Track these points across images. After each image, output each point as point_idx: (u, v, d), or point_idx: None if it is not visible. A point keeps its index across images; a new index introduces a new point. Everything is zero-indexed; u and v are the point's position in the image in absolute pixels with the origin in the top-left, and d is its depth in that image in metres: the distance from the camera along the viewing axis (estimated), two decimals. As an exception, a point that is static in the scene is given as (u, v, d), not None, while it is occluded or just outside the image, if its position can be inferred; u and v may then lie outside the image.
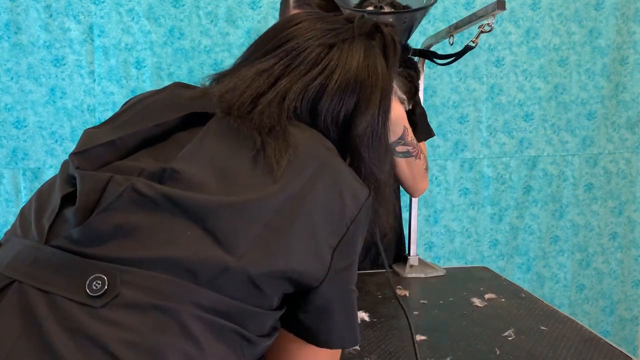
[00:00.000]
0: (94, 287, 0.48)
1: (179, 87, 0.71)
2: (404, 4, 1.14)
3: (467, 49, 1.14)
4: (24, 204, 1.84)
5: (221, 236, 0.51)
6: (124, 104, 0.71)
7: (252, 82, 0.65)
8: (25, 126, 1.96)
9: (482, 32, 1.11)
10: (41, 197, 0.60)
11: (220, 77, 0.70)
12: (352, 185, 0.61)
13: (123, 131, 0.61)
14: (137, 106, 0.67)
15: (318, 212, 0.56)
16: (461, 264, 2.25)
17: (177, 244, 0.50)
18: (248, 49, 0.73)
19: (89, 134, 0.63)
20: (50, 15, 1.93)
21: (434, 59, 1.22)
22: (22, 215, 0.59)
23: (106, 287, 0.48)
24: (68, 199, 0.56)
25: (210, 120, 0.62)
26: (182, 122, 0.63)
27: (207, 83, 0.71)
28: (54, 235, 0.53)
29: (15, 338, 0.46)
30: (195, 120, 0.63)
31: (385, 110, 0.71)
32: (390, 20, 1.06)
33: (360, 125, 0.67)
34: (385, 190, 0.72)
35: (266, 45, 0.70)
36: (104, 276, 0.48)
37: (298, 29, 0.69)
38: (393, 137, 1.02)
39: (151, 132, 0.61)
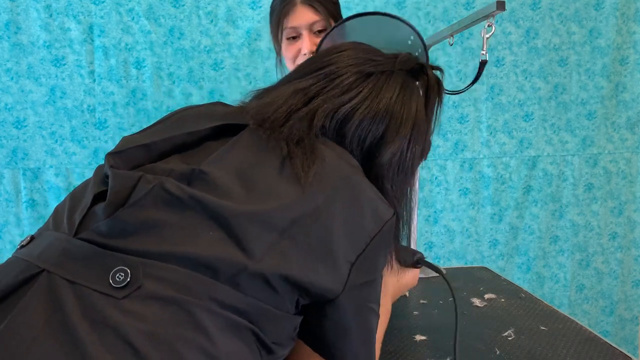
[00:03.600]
0: (117, 279, 0.49)
1: (218, 104, 0.73)
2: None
3: (482, 64, 1.12)
4: (24, 204, 1.87)
5: (242, 240, 0.52)
6: (163, 117, 0.74)
7: (288, 100, 0.67)
8: (25, 126, 1.96)
9: (487, 38, 1.10)
10: (75, 196, 0.62)
11: (259, 94, 0.73)
12: (374, 203, 0.61)
13: (157, 137, 0.64)
14: (173, 117, 0.71)
15: (337, 226, 0.57)
16: (461, 264, 2.25)
17: (199, 242, 0.52)
18: (292, 71, 0.76)
19: (125, 139, 0.66)
20: (50, 15, 1.93)
21: (456, 93, 1.18)
22: (56, 212, 0.62)
23: (129, 279, 0.49)
24: (100, 197, 0.58)
25: (242, 131, 0.64)
26: (214, 131, 0.65)
27: (248, 99, 0.74)
28: (83, 228, 0.55)
29: (41, 325, 0.47)
30: (228, 131, 0.65)
31: (415, 145, 0.70)
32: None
33: (385, 155, 0.67)
34: (403, 226, 0.72)
35: (308, 67, 0.72)
36: (127, 268, 0.50)
37: (340, 56, 0.71)
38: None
39: (183, 139, 0.64)
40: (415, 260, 0.92)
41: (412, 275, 0.93)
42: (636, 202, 2.32)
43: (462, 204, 2.25)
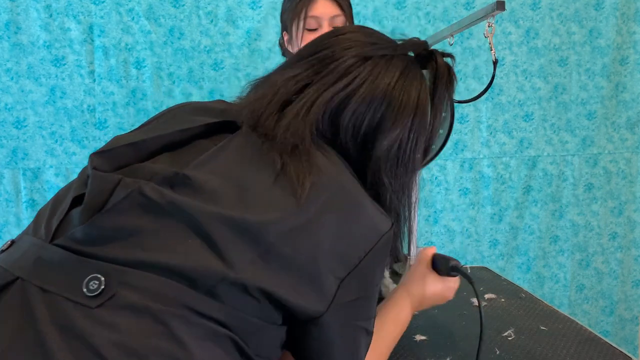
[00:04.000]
0: (91, 287, 0.48)
1: (218, 101, 0.71)
2: None
3: (495, 64, 1.11)
4: (24, 204, 1.87)
5: (222, 249, 0.50)
6: (158, 113, 0.71)
7: (280, 89, 0.64)
8: (25, 126, 1.96)
9: (490, 37, 1.10)
10: (57, 199, 0.60)
11: (257, 84, 0.70)
12: (371, 216, 0.58)
13: (148, 134, 0.61)
14: (170, 113, 0.68)
15: (328, 241, 0.54)
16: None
17: (176, 250, 0.50)
18: (290, 56, 0.72)
19: (116, 137, 0.64)
20: (50, 15, 1.93)
21: (470, 101, 1.17)
22: (38, 215, 0.60)
23: (103, 287, 0.48)
24: (79, 200, 0.56)
25: (237, 132, 0.61)
26: (207, 129, 0.62)
27: (246, 92, 0.71)
28: (59, 234, 0.53)
29: (12, 335, 0.46)
30: (221, 129, 0.62)
31: (416, 135, 0.65)
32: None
33: (382, 145, 0.63)
34: (404, 226, 0.68)
35: (305, 52, 0.68)
36: (101, 276, 0.48)
37: (338, 39, 0.67)
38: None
39: (174, 137, 0.61)
40: (450, 267, 0.82)
41: (447, 288, 0.84)
42: (636, 202, 2.32)
43: (462, 204, 2.25)
